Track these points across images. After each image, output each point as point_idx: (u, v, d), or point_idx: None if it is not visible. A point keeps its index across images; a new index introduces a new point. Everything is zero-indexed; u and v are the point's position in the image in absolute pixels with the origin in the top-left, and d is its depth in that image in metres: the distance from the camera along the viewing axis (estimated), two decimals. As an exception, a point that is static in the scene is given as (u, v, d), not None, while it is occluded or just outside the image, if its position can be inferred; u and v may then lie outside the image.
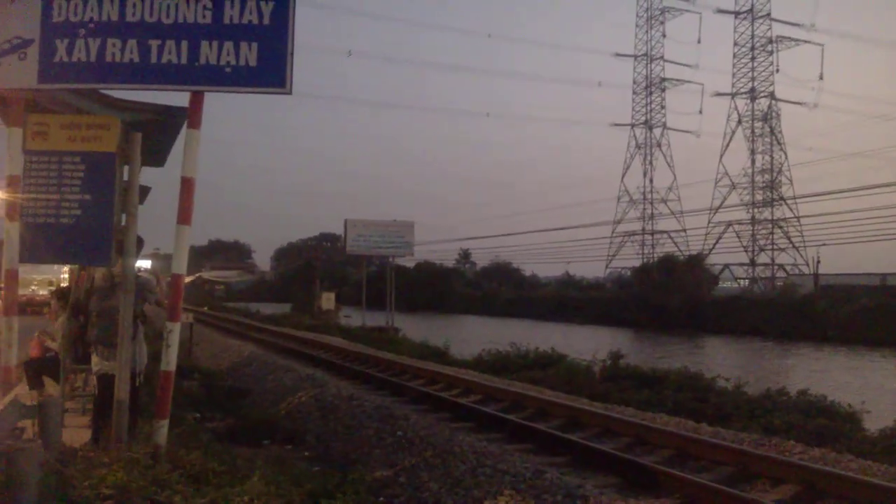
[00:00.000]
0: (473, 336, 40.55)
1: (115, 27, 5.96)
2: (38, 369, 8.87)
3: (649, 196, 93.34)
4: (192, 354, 20.74)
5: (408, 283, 73.97)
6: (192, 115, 6.16)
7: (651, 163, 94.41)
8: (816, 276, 62.72)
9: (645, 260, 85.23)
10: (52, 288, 19.94)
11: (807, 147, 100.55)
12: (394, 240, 46.76)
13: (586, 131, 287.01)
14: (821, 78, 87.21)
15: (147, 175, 7.24)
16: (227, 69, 6.00)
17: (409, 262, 73.56)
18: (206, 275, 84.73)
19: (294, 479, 6.32)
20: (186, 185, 6.15)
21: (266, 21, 6.04)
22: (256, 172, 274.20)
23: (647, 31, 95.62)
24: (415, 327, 42.66)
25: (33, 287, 29.77)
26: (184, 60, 5.98)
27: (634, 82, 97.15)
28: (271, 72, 6.04)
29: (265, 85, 6.11)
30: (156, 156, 7.99)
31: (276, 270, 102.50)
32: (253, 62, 6.00)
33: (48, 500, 4.29)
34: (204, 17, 5.99)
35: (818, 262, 63.17)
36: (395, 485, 8.17)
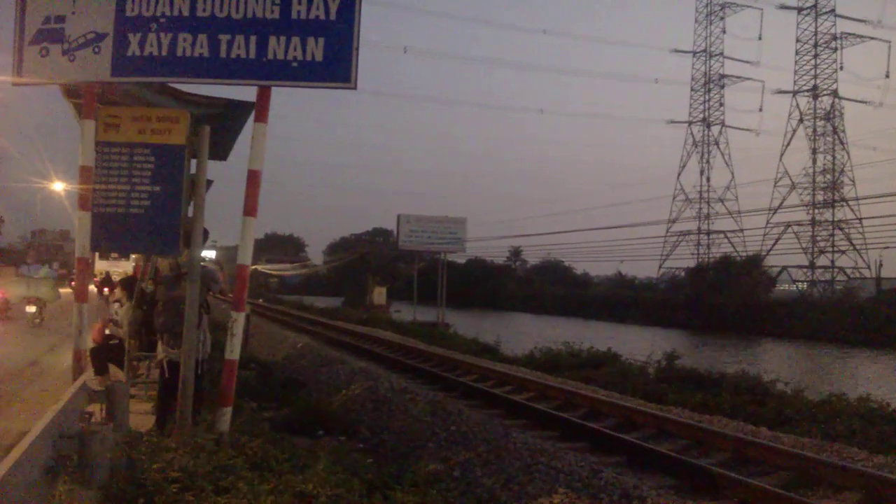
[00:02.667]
0: (524, 334, 40.42)
1: (186, 22, 6.10)
2: (104, 356, 9.14)
3: (706, 195, 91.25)
4: (249, 345, 21.06)
5: (458, 279, 73.95)
6: (259, 109, 6.28)
7: (708, 161, 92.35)
8: (878, 279, 60.95)
9: (700, 260, 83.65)
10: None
11: (871, 147, 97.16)
12: (446, 236, 46.91)
13: (642, 129, 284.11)
14: (887, 76, 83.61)
15: (208, 168, 7.36)
16: (294, 64, 6.09)
17: (460, 259, 73.56)
18: (261, 267, 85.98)
19: (351, 469, 6.38)
20: (253, 178, 6.26)
21: (332, 17, 6.10)
22: (311, 167, 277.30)
23: (706, 27, 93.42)
24: (465, 323, 42.65)
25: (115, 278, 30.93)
26: (252, 55, 6.09)
27: (693, 79, 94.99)
28: (337, 67, 6.11)
29: (331, 80, 6.18)
30: (220, 149, 8.15)
31: (328, 264, 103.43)
32: (319, 57, 6.07)
33: (118, 481, 4.42)
34: (272, 12, 6.09)
35: (880, 265, 61.54)
36: (448, 479, 8.18)
